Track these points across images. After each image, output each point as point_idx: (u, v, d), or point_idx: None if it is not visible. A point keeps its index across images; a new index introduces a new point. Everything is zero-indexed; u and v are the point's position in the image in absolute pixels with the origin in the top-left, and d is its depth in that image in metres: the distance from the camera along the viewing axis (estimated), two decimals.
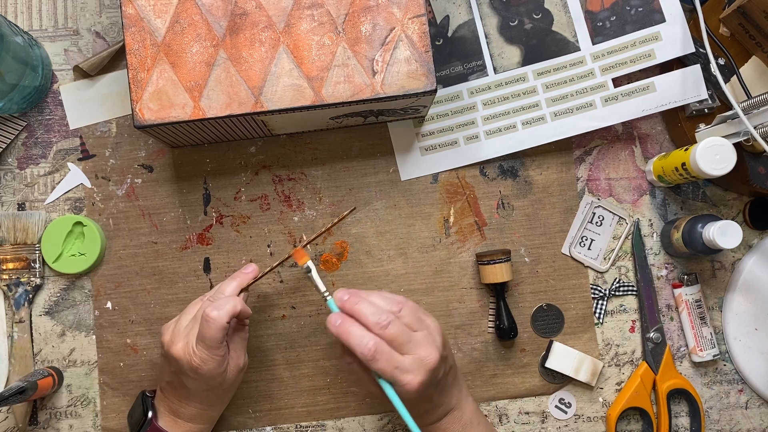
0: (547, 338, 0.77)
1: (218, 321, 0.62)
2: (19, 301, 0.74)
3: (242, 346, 0.68)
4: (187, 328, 0.65)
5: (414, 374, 0.60)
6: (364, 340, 0.60)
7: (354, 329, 0.61)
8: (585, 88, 0.76)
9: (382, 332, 0.60)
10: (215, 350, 0.63)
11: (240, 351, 0.68)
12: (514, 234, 0.77)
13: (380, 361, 0.59)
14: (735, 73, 0.73)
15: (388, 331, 0.60)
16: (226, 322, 0.62)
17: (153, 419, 0.67)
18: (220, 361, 0.64)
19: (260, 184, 0.77)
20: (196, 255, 0.76)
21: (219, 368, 0.64)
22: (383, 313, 0.61)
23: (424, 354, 0.61)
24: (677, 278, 0.78)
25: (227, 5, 0.66)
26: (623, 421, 0.77)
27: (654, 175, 0.76)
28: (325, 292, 0.65)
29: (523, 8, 0.76)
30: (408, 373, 0.60)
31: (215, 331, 0.62)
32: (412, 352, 0.61)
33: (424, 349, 0.61)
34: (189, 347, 0.63)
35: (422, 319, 0.64)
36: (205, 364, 0.63)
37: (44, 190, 0.76)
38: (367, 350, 0.59)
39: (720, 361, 0.78)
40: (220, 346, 0.63)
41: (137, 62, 0.65)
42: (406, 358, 0.60)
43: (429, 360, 0.61)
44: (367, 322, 0.61)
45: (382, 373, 0.60)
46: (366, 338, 0.60)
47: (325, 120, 0.72)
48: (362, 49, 0.66)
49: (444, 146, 0.77)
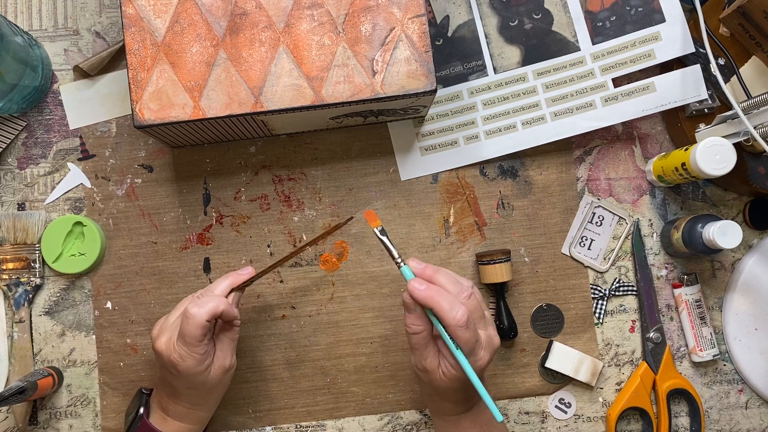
0: (547, 338, 0.77)
1: (197, 318, 0.61)
2: (19, 301, 0.74)
3: (230, 346, 0.66)
4: (174, 324, 0.65)
5: (486, 351, 0.60)
6: (455, 306, 0.58)
7: (444, 294, 0.59)
8: (585, 88, 0.76)
9: (465, 302, 0.59)
10: (194, 347, 0.62)
11: (227, 351, 0.66)
12: (514, 234, 0.77)
13: (470, 329, 0.58)
14: (735, 73, 0.73)
15: (470, 302, 0.60)
16: (206, 320, 0.62)
17: (144, 416, 0.67)
18: (199, 359, 0.63)
19: (260, 184, 0.77)
20: (196, 255, 0.76)
21: (198, 366, 0.63)
22: (463, 285, 0.61)
23: (493, 333, 0.61)
24: (677, 278, 0.78)
25: (227, 5, 0.66)
26: (623, 421, 0.77)
27: (654, 175, 0.76)
28: (399, 258, 0.63)
29: (523, 8, 0.76)
30: (482, 349, 0.59)
31: (194, 328, 0.61)
32: (486, 329, 0.60)
33: (492, 328, 0.62)
34: (171, 342, 0.63)
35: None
36: (184, 361, 0.62)
37: (44, 190, 0.76)
38: (460, 315, 0.57)
39: (720, 361, 0.78)
40: (199, 344, 0.62)
41: (137, 62, 0.65)
42: (482, 333, 0.60)
43: (496, 340, 0.61)
44: (450, 291, 0.60)
45: (466, 343, 0.58)
46: (457, 305, 0.58)
47: (325, 120, 0.72)
48: (362, 49, 0.66)
49: (444, 146, 0.77)
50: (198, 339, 0.62)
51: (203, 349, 0.63)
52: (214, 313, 0.62)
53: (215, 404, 0.70)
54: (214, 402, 0.69)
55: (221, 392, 0.69)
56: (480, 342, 0.59)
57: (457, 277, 0.63)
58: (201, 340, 0.62)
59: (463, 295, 0.60)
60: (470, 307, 0.59)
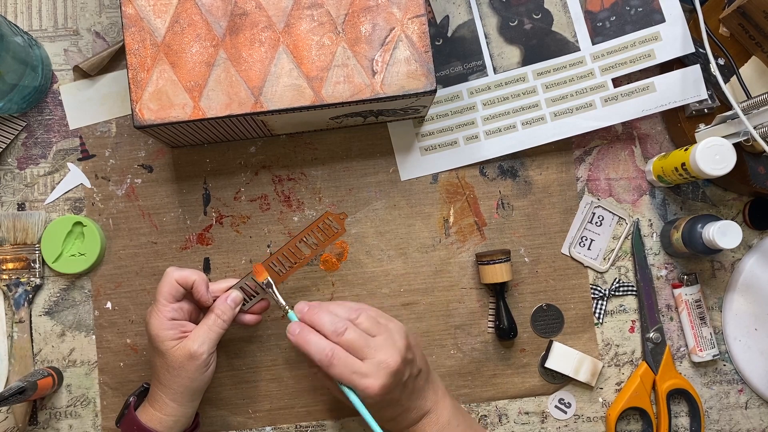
0: (547, 338, 0.77)
1: (168, 276, 0.66)
2: (18, 301, 0.74)
3: (205, 335, 0.65)
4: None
5: (374, 378, 0.61)
6: (320, 347, 0.62)
7: (312, 337, 0.63)
8: (585, 88, 0.76)
9: (338, 339, 0.62)
10: (161, 305, 0.65)
11: (198, 337, 0.65)
12: (514, 234, 0.77)
13: (338, 366, 0.61)
14: (735, 73, 0.73)
15: (344, 337, 0.62)
16: (176, 280, 0.65)
17: (131, 404, 0.68)
18: (164, 321, 0.65)
19: (260, 184, 0.77)
20: (196, 255, 0.76)
21: (162, 329, 0.65)
22: (340, 320, 0.64)
23: (383, 357, 0.62)
24: (677, 278, 0.78)
25: (227, 5, 0.66)
26: (623, 421, 0.77)
27: (654, 175, 0.76)
28: (285, 306, 0.67)
29: (523, 8, 0.76)
30: (367, 378, 0.61)
31: (164, 285, 0.66)
32: (371, 356, 0.62)
33: (383, 352, 0.62)
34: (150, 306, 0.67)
35: (383, 323, 0.65)
36: (151, 317, 0.65)
37: (44, 190, 0.76)
38: (324, 356, 0.61)
39: (720, 361, 0.78)
40: (167, 303, 0.65)
41: (137, 62, 0.65)
42: (365, 363, 0.62)
43: (389, 363, 0.62)
44: (325, 331, 0.63)
45: (340, 378, 0.62)
46: (322, 344, 0.62)
47: (325, 120, 0.72)
48: (362, 49, 0.66)
49: (444, 146, 0.77)
50: (165, 296, 0.65)
51: (170, 313, 0.65)
52: (186, 280, 0.66)
53: (187, 398, 0.66)
54: (185, 393, 0.66)
55: (189, 384, 0.66)
56: (360, 373, 0.61)
57: (345, 306, 0.66)
58: (168, 299, 0.65)
59: (337, 333, 0.63)
60: (345, 341, 0.62)
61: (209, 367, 0.67)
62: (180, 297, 0.67)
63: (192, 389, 0.66)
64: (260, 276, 0.68)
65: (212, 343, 0.66)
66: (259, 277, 0.68)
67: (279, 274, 0.69)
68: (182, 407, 0.67)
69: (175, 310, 0.66)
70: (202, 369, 0.66)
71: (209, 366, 0.66)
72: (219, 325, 0.67)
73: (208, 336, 0.66)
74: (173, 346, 0.65)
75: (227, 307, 0.67)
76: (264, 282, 0.68)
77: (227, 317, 0.67)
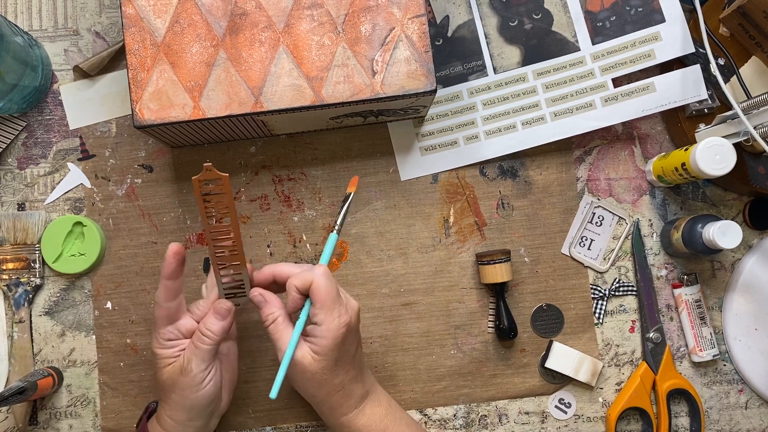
0: (547, 338, 0.77)
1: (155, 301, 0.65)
2: (19, 301, 0.74)
3: (197, 355, 0.64)
4: None
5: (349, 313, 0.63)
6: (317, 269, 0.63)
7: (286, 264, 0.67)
8: (585, 88, 0.76)
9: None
10: (157, 326, 0.65)
11: (186, 354, 0.64)
12: (514, 234, 0.77)
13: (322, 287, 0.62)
14: (735, 73, 0.73)
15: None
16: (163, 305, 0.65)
17: (145, 418, 0.68)
18: (159, 341, 0.65)
19: (260, 184, 0.77)
20: (196, 255, 0.76)
21: (158, 347, 0.65)
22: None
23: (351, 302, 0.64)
24: (677, 278, 0.78)
25: (227, 5, 0.66)
26: (623, 421, 0.77)
27: (654, 175, 0.76)
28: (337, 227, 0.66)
29: (523, 8, 0.76)
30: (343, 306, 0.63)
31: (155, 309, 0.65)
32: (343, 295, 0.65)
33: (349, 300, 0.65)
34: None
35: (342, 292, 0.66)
36: (152, 338, 0.66)
37: (44, 190, 0.76)
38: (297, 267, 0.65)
39: (720, 361, 0.78)
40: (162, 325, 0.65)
41: (137, 62, 0.65)
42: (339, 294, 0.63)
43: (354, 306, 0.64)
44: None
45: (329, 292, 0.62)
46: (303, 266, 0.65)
47: (325, 120, 0.72)
48: (362, 49, 0.66)
49: (444, 146, 0.77)
50: (158, 320, 0.65)
51: (166, 334, 0.65)
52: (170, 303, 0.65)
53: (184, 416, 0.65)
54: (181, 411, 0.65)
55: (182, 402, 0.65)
56: (342, 300, 0.63)
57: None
58: (162, 322, 0.65)
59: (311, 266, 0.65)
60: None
61: (204, 386, 0.64)
62: (174, 318, 0.65)
63: (187, 407, 0.65)
64: (351, 187, 0.66)
65: (199, 359, 0.63)
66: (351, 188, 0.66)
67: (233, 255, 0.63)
68: (181, 426, 0.66)
69: (171, 331, 0.65)
70: (194, 387, 0.64)
71: (204, 384, 0.64)
72: (203, 341, 0.64)
73: (193, 353, 0.64)
74: (168, 364, 0.65)
75: (211, 320, 0.64)
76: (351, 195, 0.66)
77: (214, 329, 0.64)
